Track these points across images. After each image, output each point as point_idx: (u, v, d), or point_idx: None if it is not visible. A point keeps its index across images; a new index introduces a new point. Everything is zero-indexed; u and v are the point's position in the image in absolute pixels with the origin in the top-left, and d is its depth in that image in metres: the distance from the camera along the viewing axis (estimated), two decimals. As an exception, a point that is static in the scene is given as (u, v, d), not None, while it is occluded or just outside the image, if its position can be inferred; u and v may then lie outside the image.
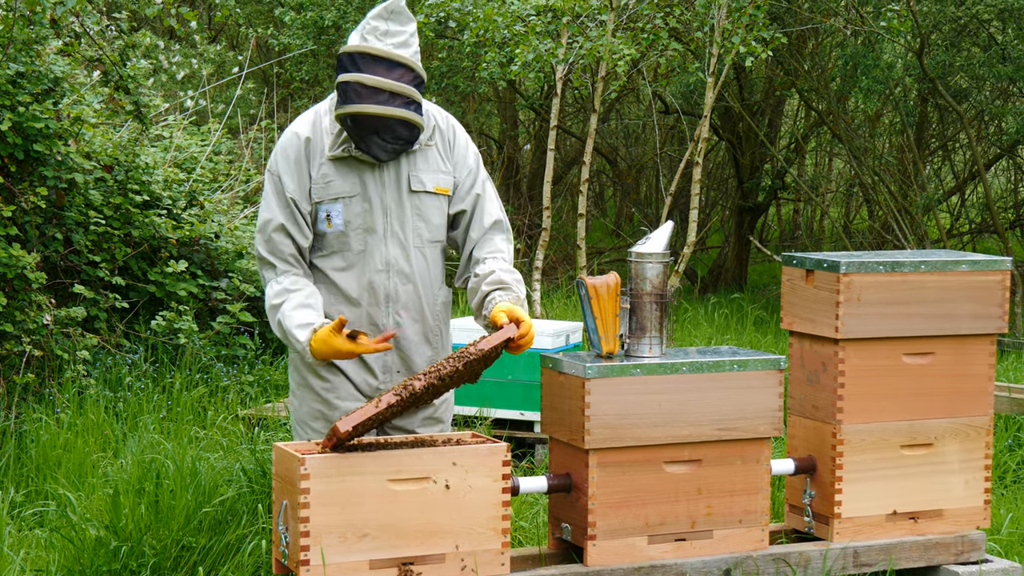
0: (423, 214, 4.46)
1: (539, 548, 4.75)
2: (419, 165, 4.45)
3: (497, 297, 4.38)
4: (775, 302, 13.70)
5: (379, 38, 4.28)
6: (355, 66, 4.26)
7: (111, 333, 7.90)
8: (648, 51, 11.42)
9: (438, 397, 4.32)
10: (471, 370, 4.26)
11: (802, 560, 4.78)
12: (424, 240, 4.48)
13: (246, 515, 5.14)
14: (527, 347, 4.34)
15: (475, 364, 4.24)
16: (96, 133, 8.36)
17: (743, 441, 4.70)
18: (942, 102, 14.27)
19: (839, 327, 4.80)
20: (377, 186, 4.41)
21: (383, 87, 4.24)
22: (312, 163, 4.39)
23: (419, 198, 4.46)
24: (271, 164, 4.44)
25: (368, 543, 4.11)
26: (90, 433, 6.59)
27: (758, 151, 15.93)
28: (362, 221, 4.40)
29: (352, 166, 4.39)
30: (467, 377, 4.28)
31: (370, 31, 4.29)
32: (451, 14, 10.13)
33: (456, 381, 4.26)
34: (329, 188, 4.38)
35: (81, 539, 5.02)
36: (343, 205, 4.39)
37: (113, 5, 12.72)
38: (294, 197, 4.38)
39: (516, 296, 4.40)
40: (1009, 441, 7.17)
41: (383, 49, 4.26)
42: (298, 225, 4.40)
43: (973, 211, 18.08)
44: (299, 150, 4.39)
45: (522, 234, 15.86)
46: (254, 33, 14.10)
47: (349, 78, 4.25)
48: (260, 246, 4.44)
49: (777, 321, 12.10)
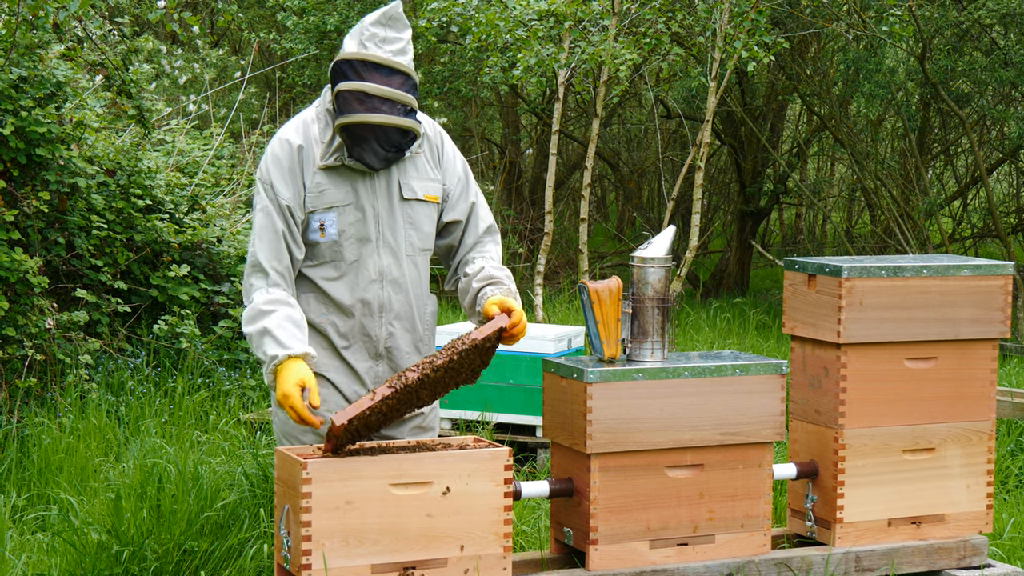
0: (414, 222, 4.45)
1: (541, 552, 4.75)
2: (409, 173, 4.43)
3: (489, 292, 4.38)
4: (777, 306, 13.70)
5: (378, 45, 4.26)
6: (356, 74, 4.24)
7: (113, 337, 7.90)
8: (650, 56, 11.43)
9: (434, 395, 4.25)
10: (467, 364, 4.23)
11: (804, 565, 4.77)
12: (415, 248, 4.46)
13: (248, 519, 5.14)
14: (520, 336, 4.31)
15: (469, 356, 4.21)
16: (98, 137, 8.37)
17: (745, 446, 4.70)
18: (944, 107, 14.28)
19: (841, 332, 4.80)
20: (369, 195, 4.38)
21: (386, 95, 4.23)
22: (305, 172, 4.34)
23: (410, 206, 4.44)
24: (262, 173, 4.37)
25: (370, 547, 4.11)
26: (92, 437, 6.59)
27: (760, 156, 15.94)
28: (356, 230, 4.37)
29: (344, 175, 4.36)
30: (465, 375, 4.26)
31: (369, 38, 4.26)
32: (453, 19, 10.15)
33: (452, 376, 4.22)
34: (323, 197, 4.34)
35: (83, 543, 5.03)
36: (337, 214, 4.36)
37: (116, 10, 12.73)
38: (290, 205, 4.32)
39: (507, 289, 4.39)
40: (1011, 446, 7.17)
41: (383, 57, 4.25)
42: (293, 235, 4.34)
43: (975, 216, 18.09)
44: (292, 158, 4.34)
45: (524, 239, 15.87)
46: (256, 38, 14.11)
47: (352, 87, 4.23)
48: (258, 253, 4.33)
49: (779, 325, 12.10)
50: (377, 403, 4.09)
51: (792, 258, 5.02)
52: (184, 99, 11.58)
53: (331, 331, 4.39)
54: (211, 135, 10.55)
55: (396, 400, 4.13)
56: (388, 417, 4.19)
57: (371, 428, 4.16)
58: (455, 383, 4.28)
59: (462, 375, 4.26)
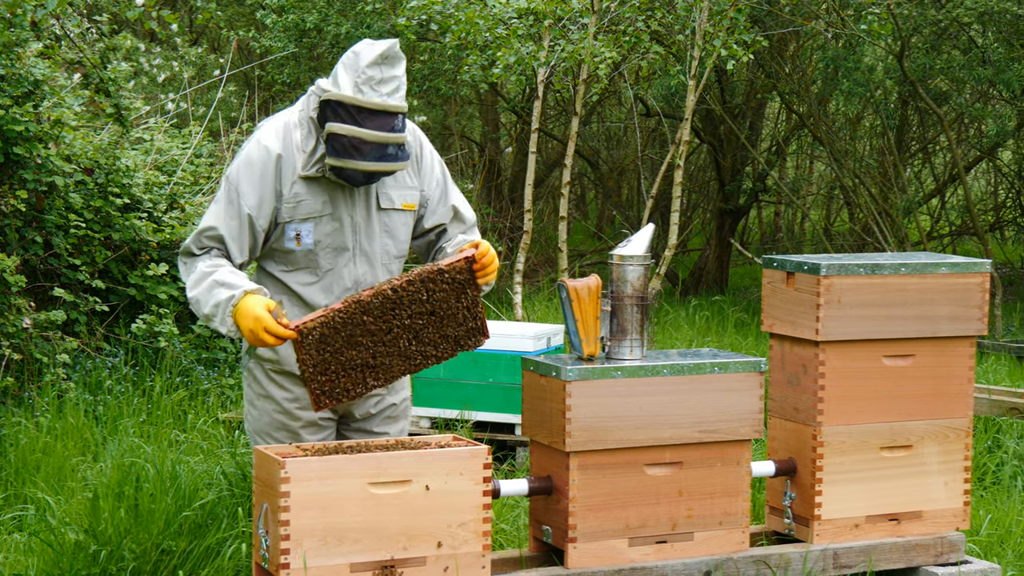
0: (391, 231, 4.43)
1: (520, 551, 4.75)
2: (387, 182, 4.41)
3: (459, 241, 4.43)
4: (756, 304, 13.73)
5: (374, 88, 4.18)
6: (351, 118, 4.17)
7: (91, 336, 7.87)
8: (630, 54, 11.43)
9: (405, 330, 4.19)
10: (438, 299, 4.19)
11: (782, 562, 4.79)
12: (391, 257, 4.45)
13: (226, 519, 5.13)
14: (491, 267, 4.26)
15: (434, 285, 4.18)
16: (76, 136, 8.34)
17: (724, 443, 4.71)
18: (922, 105, 14.32)
19: (819, 329, 4.81)
20: (347, 204, 4.35)
21: (382, 140, 4.19)
22: (283, 181, 4.28)
23: (388, 215, 4.42)
24: (232, 172, 4.31)
25: (348, 546, 4.10)
26: (70, 437, 6.57)
27: (739, 154, 15.96)
28: (332, 240, 4.34)
29: (323, 184, 4.31)
30: (443, 316, 4.21)
31: (365, 81, 4.17)
32: (433, 17, 10.13)
33: (420, 308, 4.18)
34: (300, 208, 4.30)
35: (60, 543, 5.01)
36: (314, 224, 4.33)
37: (94, 8, 12.69)
38: (251, 213, 4.27)
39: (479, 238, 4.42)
40: (988, 443, 7.19)
41: (380, 103, 4.17)
42: (239, 242, 4.28)
43: (953, 214, 18.15)
44: (267, 166, 4.28)
45: (503, 237, 15.86)
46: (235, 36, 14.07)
47: (346, 131, 4.17)
48: (191, 243, 4.29)
49: (758, 323, 12.12)
50: (329, 312, 4.09)
51: (771, 256, 5.04)
52: (163, 97, 11.55)
53: None
54: (190, 133, 10.51)
55: (346, 315, 4.11)
56: (351, 337, 4.13)
57: (333, 349, 4.12)
58: (433, 324, 4.23)
59: (437, 314, 4.22)
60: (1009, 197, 18.65)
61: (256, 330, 4.08)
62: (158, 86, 13.38)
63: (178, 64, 13.39)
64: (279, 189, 4.29)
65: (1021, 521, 5.86)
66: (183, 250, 4.33)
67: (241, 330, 4.12)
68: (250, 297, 4.12)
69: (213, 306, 4.17)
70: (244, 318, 4.10)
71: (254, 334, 4.09)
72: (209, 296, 4.18)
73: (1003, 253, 18.00)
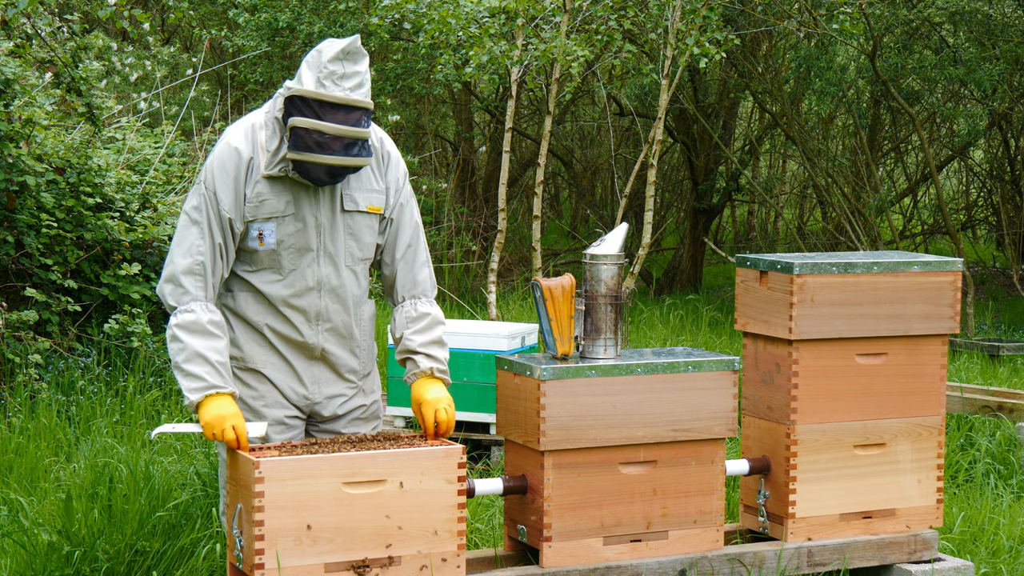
0: (355, 233, 4.42)
1: (495, 550, 4.75)
2: (352, 184, 4.40)
3: (422, 364, 4.43)
4: (730, 303, 13.76)
5: (336, 83, 4.18)
6: (312, 111, 4.17)
7: (63, 336, 7.84)
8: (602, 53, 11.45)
9: None
10: None
11: (757, 560, 4.80)
12: (355, 259, 4.43)
13: (200, 519, 5.12)
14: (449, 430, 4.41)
15: None
16: (48, 135, 8.29)
17: (698, 442, 4.72)
18: (894, 104, 14.38)
19: (793, 328, 4.83)
20: (311, 205, 4.34)
21: (344, 135, 4.18)
22: (248, 181, 4.29)
23: (352, 217, 4.41)
24: (206, 178, 4.30)
25: (323, 546, 4.10)
26: (42, 437, 6.54)
27: (712, 153, 15.99)
28: (295, 240, 4.34)
29: (287, 184, 4.30)
30: None
31: (327, 76, 4.17)
32: (406, 16, 10.12)
33: None
34: (262, 207, 4.29)
35: (33, 544, 4.98)
36: (276, 224, 4.31)
37: (65, 6, 12.63)
38: (231, 216, 4.28)
39: (439, 368, 4.44)
40: (961, 440, 7.23)
41: (342, 96, 4.17)
42: (227, 250, 4.30)
43: (925, 212, 18.24)
44: (238, 166, 4.28)
45: (477, 236, 15.86)
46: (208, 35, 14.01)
47: (307, 124, 4.16)
48: (182, 258, 4.27)
49: (732, 322, 12.15)
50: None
51: (744, 255, 5.05)
52: (135, 96, 11.50)
53: (267, 331, 4.38)
54: (162, 133, 10.47)
55: None
56: None
57: None
58: None
59: None
60: (980, 196, 18.75)
61: (222, 426, 4.17)
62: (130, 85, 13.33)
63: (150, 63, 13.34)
64: (244, 189, 4.29)
65: (994, 519, 5.89)
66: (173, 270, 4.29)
67: (208, 411, 4.18)
68: (227, 399, 4.21)
69: (197, 369, 4.22)
70: (216, 413, 4.18)
71: (223, 421, 4.16)
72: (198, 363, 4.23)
73: (975, 252, 18.09)
